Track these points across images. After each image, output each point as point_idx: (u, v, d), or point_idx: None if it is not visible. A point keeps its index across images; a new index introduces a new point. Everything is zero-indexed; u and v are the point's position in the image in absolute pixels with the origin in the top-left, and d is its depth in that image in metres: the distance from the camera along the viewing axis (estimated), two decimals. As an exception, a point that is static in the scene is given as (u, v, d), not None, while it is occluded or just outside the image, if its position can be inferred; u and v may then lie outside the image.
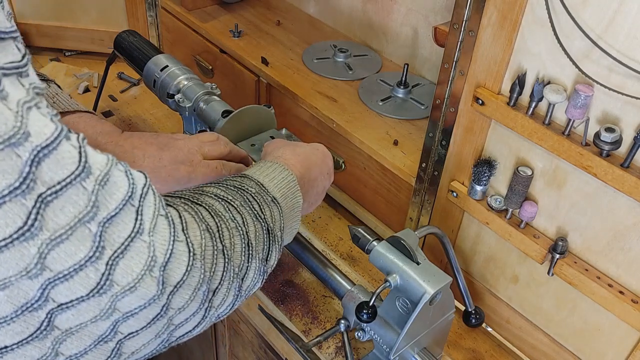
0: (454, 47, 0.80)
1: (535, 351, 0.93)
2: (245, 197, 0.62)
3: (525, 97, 0.75)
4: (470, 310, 0.91)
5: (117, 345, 0.47)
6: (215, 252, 0.53)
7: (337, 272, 0.95)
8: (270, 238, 0.63)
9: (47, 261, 0.40)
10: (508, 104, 0.76)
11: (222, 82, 1.33)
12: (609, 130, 0.67)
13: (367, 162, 1.08)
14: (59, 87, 0.95)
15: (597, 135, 0.68)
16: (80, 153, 0.42)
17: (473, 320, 0.91)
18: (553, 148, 0.73)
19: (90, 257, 0.42)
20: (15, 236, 0.39)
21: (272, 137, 0.98)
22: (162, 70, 1.08)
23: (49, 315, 0.42)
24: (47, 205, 0.40)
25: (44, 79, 0.92)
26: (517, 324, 0.94)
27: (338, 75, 1.23)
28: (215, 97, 1.04)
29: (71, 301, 0.43)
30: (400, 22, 1.24)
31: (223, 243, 0.55)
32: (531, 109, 0.74)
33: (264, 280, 0.63)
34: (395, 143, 1.05)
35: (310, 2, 1.44)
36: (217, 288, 0.54)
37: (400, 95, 1.17)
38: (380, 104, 1.15)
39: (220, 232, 0.55)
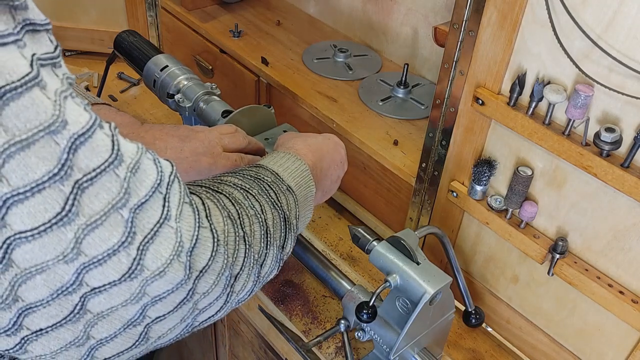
0: (454, 47, 0.80)
1: (535, 351, 0.93)
2: (262, 186, 0.63)
3: (525, 97, 0.75)
4: (470, 310, 0.91)
5: (145, 329, 0.49)
6: (237, 239, 0.54)
7: (337, 272, 0.95)
8: (287, 226, 0.64)
9: (83, 246, 0.41)
10: (508, 104, 0.76)
11: (222, 82, 1.33)
12: (609, 130, 0.67)
13: (367, 162, 1.08)
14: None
15: (597, 135, 0.68)
16: (113, 141, 0.43)
17: (473, 320, 0.91)
18: (553, 148, 0.73)
19: (123, 243, 0.43)
20: (54, 221, 0.40)
21: (285, 132, 0.99)
22: (162, 70, 1.08)
23: (82, 299, 0.43)
24: (83, 191, 0.41)
25: None
26: (517, 324, 0.94)
27: (338, 75, 1.23)
28: (215, 97, 1.04)
29: (104, 285, 0.44)
30: (400, 22, 1.24)
31: (244, 230, 0.56)
32: (531, 109, 0.74)
33: (279, 268, 0.65)
34: (395, 143, 1.05)
35: (310, 2, 1.44)
36: (238, 273, 0.55)
37: (400, 95, 1.17)
38: (380, 104, 1.15)
39: (241, 219, 0.56)
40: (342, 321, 0.89)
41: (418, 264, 0.78)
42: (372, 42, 1.33)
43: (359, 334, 0.87)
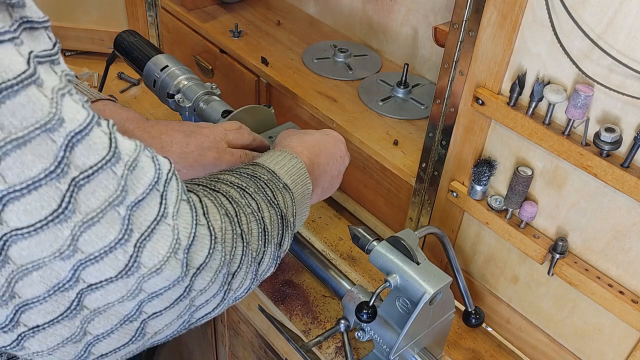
0: (454, 47, 0.80)
1: (536, 351, 0.93)
2: (258, 184, 0.64)
3: (525, 97, 0.75)
4: (470, 310, 0.91)
5: (141, 325, 0.49)
6: (235, 236, 0.55)
7: (337, 272, 0.95)
8: (284, 223, 0.64)
9: (79, 243, 0.42)
10: (508, 104, 0.76)
11: (222, 82, 1.33)
12: (609, 130, 0.67)
13: (367, 162, 1.08)
14: (76, 77, 0.96)
15: (597, 135, 0.68)
16: (110, 139, 0.43)
17: (473, 320, 0.91)
18: (553, 148, 0.73)
19: (120, 240, 0.43)
20: (50, 218, 0.40)
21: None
22: (162, 70, 1.08)
23: (78, 295, 0.44)
24: (80, 189, 0.41)
25: None
26: (517, 324, 0.94)
27: (338, 75, 1.23)
28: (215, 97, 1.04)
29: (100, 282, 0.44)
30: (400, 22, 1.24)
31: (241, 227, 0.56)
32: (531, 109, 0.74)
33: (277, 265, 0.65)
34: (395, 143, 1.05)
35: (310, 2, 1.44)
36: (236, 271, 0.55)
37: (400, 95, 1.17)
38: (380, 104, 1.15)
39: (238, 217, 0.57)
40: (342, 321, 0.89)
41: (418, 264, 0.78)
42: (372, 42, 1.33)
43: (359, 334, 0.87)
